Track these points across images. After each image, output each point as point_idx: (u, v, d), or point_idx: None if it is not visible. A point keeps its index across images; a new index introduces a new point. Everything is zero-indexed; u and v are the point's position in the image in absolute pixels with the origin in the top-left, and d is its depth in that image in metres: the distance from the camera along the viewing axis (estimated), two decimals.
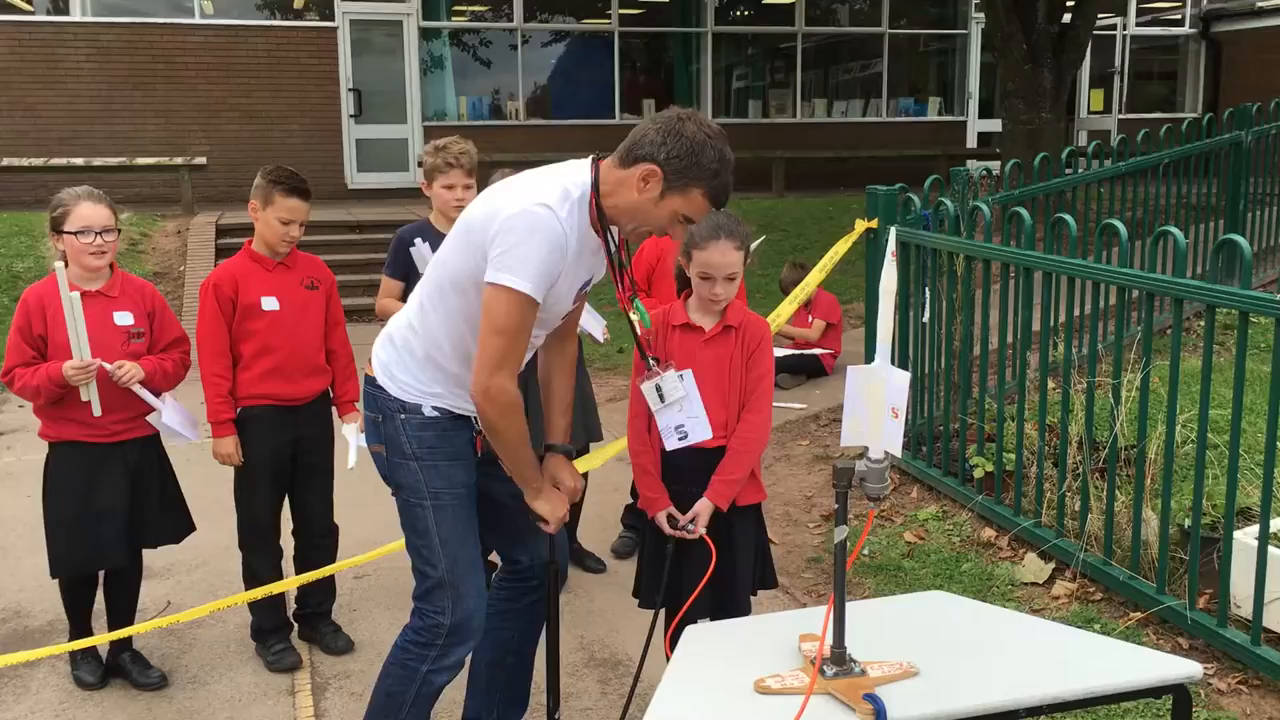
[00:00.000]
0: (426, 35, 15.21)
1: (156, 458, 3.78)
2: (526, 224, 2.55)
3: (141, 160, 12.67)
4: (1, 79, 13.51)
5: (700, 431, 3.04)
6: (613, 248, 2.78)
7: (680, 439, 3.03)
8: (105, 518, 3.63)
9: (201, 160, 12.56)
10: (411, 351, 2.82)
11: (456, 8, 15.47)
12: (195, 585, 4.64)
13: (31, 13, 13.71)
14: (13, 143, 13.34)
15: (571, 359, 3.06)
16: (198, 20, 14.11)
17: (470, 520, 2.89)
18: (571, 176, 2.67)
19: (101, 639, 3.76)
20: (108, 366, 3.53)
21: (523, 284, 2.55)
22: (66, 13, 13.72)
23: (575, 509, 4.62)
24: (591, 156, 2.71)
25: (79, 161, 12.37)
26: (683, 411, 3.03)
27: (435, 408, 2.81)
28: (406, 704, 2.88)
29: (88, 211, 3.54)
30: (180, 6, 14.02)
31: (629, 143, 2.63)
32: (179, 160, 12.47)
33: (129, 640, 3.87)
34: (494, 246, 2.58)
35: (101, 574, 3.85)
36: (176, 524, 3.86)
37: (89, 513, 3.61)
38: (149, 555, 3.88)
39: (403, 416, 2.80)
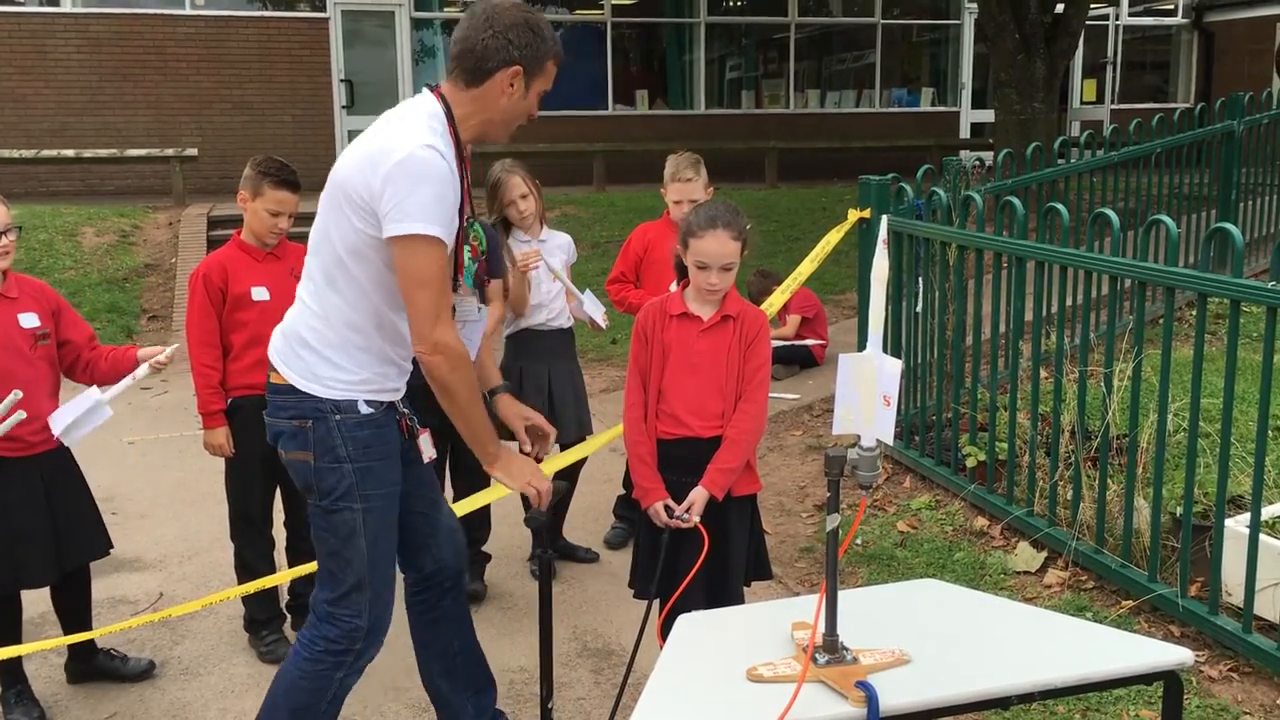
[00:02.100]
0: (418, 26, 15.15)
1: (71, 468, 3.57)
2: (417, 168, 2.49)
3: (132, 152, 12.61)
4: None
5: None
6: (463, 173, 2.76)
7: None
8: (25, 537, 3.38)
9: (193, 152, 12.49)
10: (328, 344, 2.69)
11: None
12: (188, 576, 4.63)
13: (21, 3, 13.64)
14: (2, 134, 13.28)
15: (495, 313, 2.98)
16: (188, 11, 14.05)
17: (395, 517, 2.81)
18: (427, 112, 2.63)
19: (72, 639, 3.60)
20: (161, 358, 3.45)
21: (431, 228, 2.51)
22: (56, 4, 13.65)
23: (563, 503, 4.61)
24: (425, 87, 2.70)
25: (69, 153, 12.33)
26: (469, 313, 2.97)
27: (368, 402, 2.71)
28: (319, 715, 2.78)
29: None
30: None
31: (469, 63, 2.62)
32: (170, 152, 12.39)
33: (92, 643, 3.74)
34: (384, 199, 2.51)
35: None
36: (101, 536, 3.66)
37: (5, 533, 3.36)
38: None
39: (337, 418, 2.68)
